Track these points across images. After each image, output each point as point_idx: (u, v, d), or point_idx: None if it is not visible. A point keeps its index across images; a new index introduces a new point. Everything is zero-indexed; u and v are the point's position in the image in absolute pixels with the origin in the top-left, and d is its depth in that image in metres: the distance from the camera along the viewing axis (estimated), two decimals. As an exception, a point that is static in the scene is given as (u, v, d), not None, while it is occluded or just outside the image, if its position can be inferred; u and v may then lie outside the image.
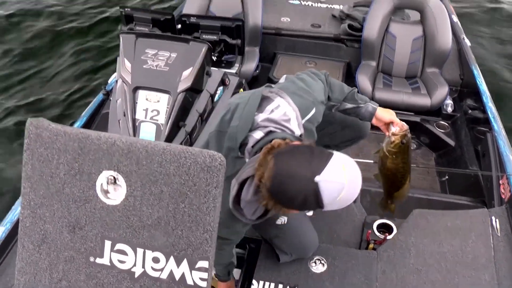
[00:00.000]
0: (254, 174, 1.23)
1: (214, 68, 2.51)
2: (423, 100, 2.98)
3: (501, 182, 2.21)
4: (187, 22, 2.83)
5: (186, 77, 2.22)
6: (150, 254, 1.09)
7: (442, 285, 1.76)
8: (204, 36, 2.79)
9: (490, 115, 2.66)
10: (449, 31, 3.07)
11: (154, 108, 2.19)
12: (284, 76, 1.63)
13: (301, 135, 1.40)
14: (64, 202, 1.11)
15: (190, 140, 2.27)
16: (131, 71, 2.24)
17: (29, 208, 1.14)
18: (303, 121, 1.42)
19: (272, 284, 1.78)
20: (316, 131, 1.54)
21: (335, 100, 1.65)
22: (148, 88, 2.21)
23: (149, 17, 2.74)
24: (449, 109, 3.07)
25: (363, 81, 3.05)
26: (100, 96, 2.80)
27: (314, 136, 1.53)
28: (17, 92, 4.11)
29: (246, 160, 1.34)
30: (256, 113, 1.36)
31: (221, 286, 1.78)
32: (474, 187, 2.48)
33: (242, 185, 1.27)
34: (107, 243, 1.11)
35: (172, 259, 1.08)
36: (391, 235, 1.98)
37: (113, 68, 2.85)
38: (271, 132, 1.33)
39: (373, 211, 2.14)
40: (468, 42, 3.34)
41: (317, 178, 1.14)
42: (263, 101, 1.38)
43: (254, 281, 1.79)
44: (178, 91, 2.19)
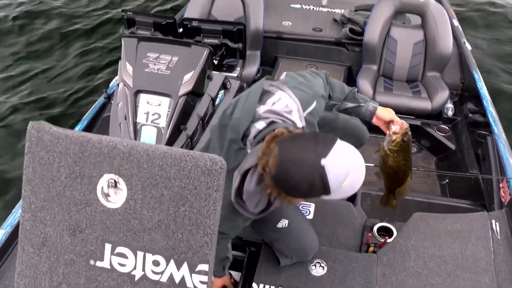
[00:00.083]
0: (257, 164, 1.22)
1: (216, 72, 2.52)
2: (424, 104, 2.99)
3: (501, 185, 2.21)
4: (188, 26, 2.84)
5: (188, 81, 2.23)
6: (150, 257, 1.10)
7: None
8: (205, 40, 2.81)
9: (490, 118, 2.67)
10: (450, 35, 3.08)
11: (155, 111, 2.20)
12: (285, 73, 1.64)
13: (303, 127, 1.39)
14: (65, 205, 1.12)
15: (191, 144, 2.27)
16: (133, 74, 2.26)
17: (29, 211, 1.14)
18: (305, 114, 1.42)
19: (273, 287, 1.78)
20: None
21: (336, 99, 1.65)
22: (149, 91, 2.22)
23: (151, 21, 2.76)
24: (450, 113, 3.07)
25: (364, 85, 3.05)
26: (101, 100, 2.81)
27: (316, 129, 1.53)
28: (21, 92, 4.15)
29: (248, 151, 1.33)
30: (257, 105, 1.36)
31: (216, 282, 1.77)
32: (474, 191, 2.48)
33: (244, 176, 1.26)
34: (108, 246, 1.11)
35: (172, 262, 1.09)
36: (391, 238, 1.98)
37: (115, 68, 2.86)
38: (273, 122, 1.33)
39: (374, 215, 2.14)
40: (469, 46, 3.35)
41: (323, 161, 1.12)
42: (264, 95, 1.38)
43: (254, 284, 1.79)
44: (179, 94, 2.20)
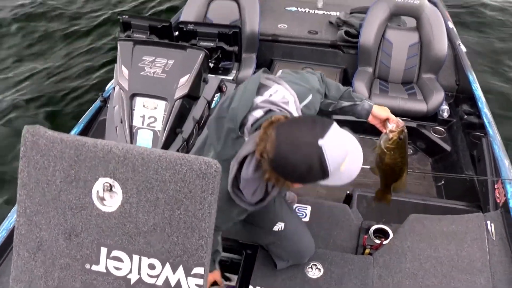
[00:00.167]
0: (254, 151, 1.22)
1: (211, 75, 2.53)
2: (419, 106, 3.00)
3: (496, 186, 2.22)
4: (184, 29, 2.84)
5: (183, 84, 2.23)
6: (145, 260, 1.09)
7: None
8: (201, 43, 2.80)
9: (485, 120, 2.68)
10: (445, 37, 3.10)
11: (151, 115, 2.19)
12: (280, 70, 1.65)
13: None
14: (60, 209, 1.11)
15: (187, 147, 2.27)
16: (129, 78, 2.25)
17: (24, 216, 1.14)
18: (301, 106, 1.43)
19: None
20: None
21: (332, 98, 1.66)
22: (145, 95, 2.21)
23: (146, 24, 2.75)
24: (445, 115, 3.09)
25: (360, 87, 3.07)
26: (97, 103, 2.81)
27: None
28: (19, 91, 4.16)
29: (246, 139, 1.33)
30: (255, 96, 1.36)
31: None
32: (469, 192, 2.49)
33: (241, 164, 1.26)
34: (103, 250, 1.11)
35: (167, 265, 1.08)
36: (387, 240, 1.99)
37: (112, 68, 2.87)
38: (270, 111, 1.33)
39: (370, 217, 2.15)
40: (463, 48, 3.37)
41: (320, 141, 1.12)
42: (260, 88, 1.38)
43: (251, 287, 1.79)
44: (175, 98, 2.20)
